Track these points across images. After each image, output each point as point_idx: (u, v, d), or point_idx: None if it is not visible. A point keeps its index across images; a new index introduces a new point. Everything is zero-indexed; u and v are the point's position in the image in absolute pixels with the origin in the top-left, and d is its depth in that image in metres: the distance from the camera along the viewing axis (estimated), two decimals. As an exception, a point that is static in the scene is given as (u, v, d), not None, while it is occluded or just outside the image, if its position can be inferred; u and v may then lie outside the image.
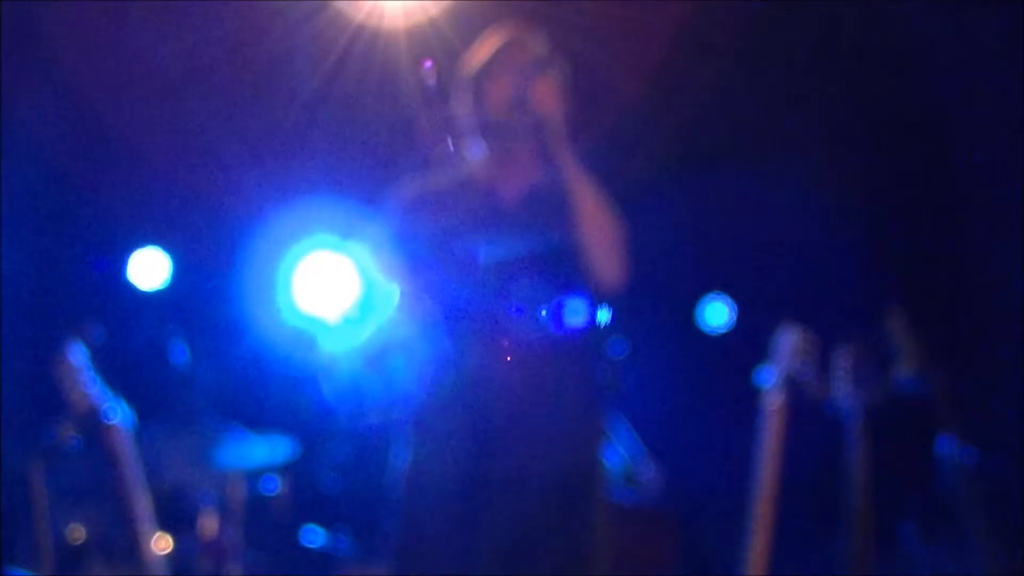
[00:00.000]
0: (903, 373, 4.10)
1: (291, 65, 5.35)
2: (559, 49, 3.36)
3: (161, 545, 5.29)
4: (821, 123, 6.13)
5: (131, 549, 4.11)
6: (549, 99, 3.17)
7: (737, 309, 7.18)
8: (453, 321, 3.25)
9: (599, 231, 3.19)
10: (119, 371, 4.51)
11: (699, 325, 7.22)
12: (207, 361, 6.47)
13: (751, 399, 4.24)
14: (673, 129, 5.80)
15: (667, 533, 5.51)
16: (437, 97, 4.06)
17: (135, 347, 6.32)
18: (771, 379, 4.14)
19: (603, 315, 3.35)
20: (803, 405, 4.13)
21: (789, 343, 4.15)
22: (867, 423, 4.07)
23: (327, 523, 6.14)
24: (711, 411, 6.74)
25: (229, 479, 5.84)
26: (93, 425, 4.03)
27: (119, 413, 4.08)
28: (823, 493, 4.47)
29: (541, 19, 3.46)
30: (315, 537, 6.04)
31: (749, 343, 6.74)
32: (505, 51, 3.32)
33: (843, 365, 4.14)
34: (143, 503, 4.04)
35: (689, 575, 5.85)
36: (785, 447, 4.08)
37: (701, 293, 7.19)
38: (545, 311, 3.23)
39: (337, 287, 6.42)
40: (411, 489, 3.24)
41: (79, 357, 4.03)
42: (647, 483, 5.77)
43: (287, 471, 5.97)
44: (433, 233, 3.31)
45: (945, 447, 5.81)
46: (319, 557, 6.00)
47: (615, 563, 3.32)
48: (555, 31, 3.41)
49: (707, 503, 6.03)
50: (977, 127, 6.02)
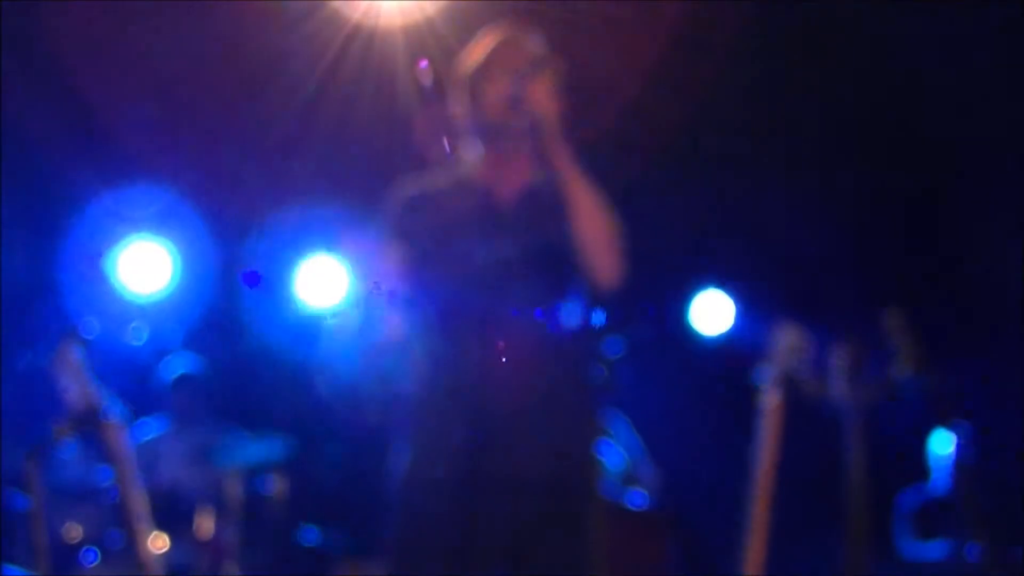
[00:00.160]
0: (900, 372, 4.10)
1: (288, 64, 5.34)
2: (555, 49, 3.35)
3: (158, 544, 5.29)
4: (819, 122, 6.13)
5: (128, 548, 4.10)
6: (545, 99, 3.17)
7: (734, 308, 7.18)
8: (450, 321, 3.25)
9: (595, 231, 3.19)
10: (116, 370, 4.51)
11: (696, 324, 7.22)
12: (205, 360, 6.47)
13: (748, 398, 4.24)
14: (669, 129, 5.80)
15: (664, 532, 5.51)
16: (433, 97, 4.06)
17: (133, 346, 6.32)
18: (768, 378, 4.13)
19: (599, 315, 3.35)
20: (800, 404, 4.13)
21: (786, 342, 4.14)
22: (864, 422, 4.07)
23: (323, 522, 6.14)
24: (708, 410, 6.74)
25: (226, 478, 5.84)
26: (90, 424, 4.02)
27: (116, 412, 4.08)
28: (820, 492, 4.48)
29: (537, 18, 3.46)
30: (311, 536, 6.04)
31: (746, 342, 6.77)
32: (501, 51, 3.32)
33: (840, 364, 4.13)
34: (140, 502, 4.04)
35: (686, 574, 5.85)
36: (782, 446, 4.08)
37: (698, 293, 7.19)
38: (541, 311, 3.23)
39: (332, 285, 6.43)
40: (408, 488, 3.24)
41: (76, 356, 4.02)
42: (646, 482, 5.77)
43: (284, 470, 5.97)
44: (430, 233, 3.30)
45: (942, 446, 5.81)
46: (315, 556, 6.00)
47: (612, 562, 3.31)
48: (551, 30, 3.41)
49: (704, 502, 6.03)
50: (976, 126, 6.03)
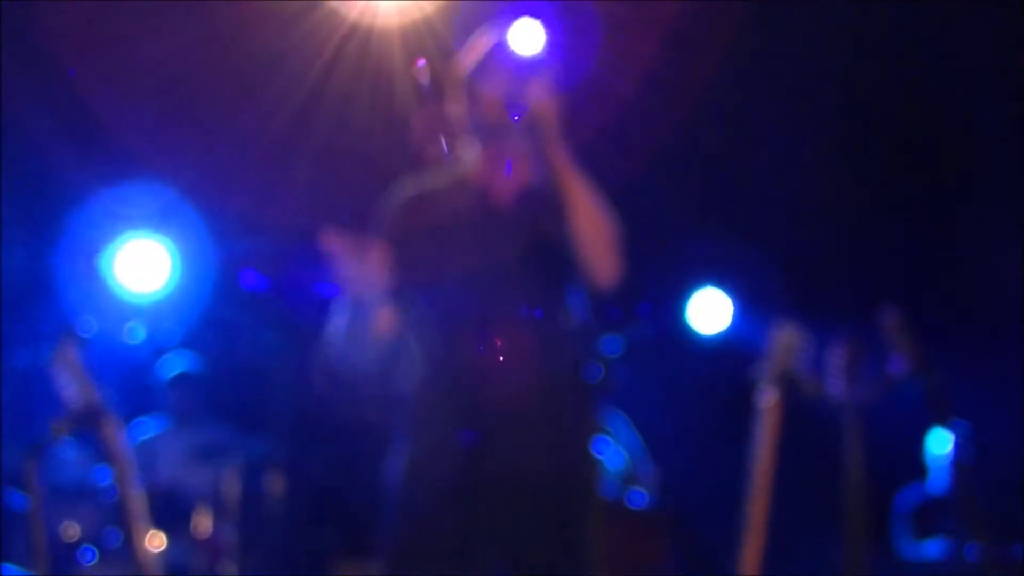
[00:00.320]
0: (898, 371, 4.10)
1: (286, 63, 5.34)
2: (552, 47, 3.35)
3: (155, 543, 5.29)
4: (817, 120, 6.14)
5: (126, 547, 4.11)
6: (543, 98, 3.17)
7: (732, 307, 7.18)
8: (448, 320, 3.25)
9: (593, 230, 3.19)
10: (114, 369, 4.51)
11: (694, 323, 7.22)
12: (203, 359, 6.48)
13: (746, 397, 4.24)
14: (667, 128, 5.80)
15: (663, 531, 5.52)
16: (431, 96, 4.06)
17: (131, 345, 6.33)
18: (766, 377, 4.13)
19: (597, 314, 3.35)
20: (798, 403, 4.13)
21: (784, 341, 4.15)
22: (862, 421, 4.07)
23: (321, 521, 6.14)
24: (706, 409, 6.75)
25: (223, 477, 5.84)
26: (88, 423, 4.02)
27: (114, 410, 4.08)
28: (818, 490, 4.48)
29: (534, 18, 3.45)
30: (309, 535, 6.05)
31: (744, 340, 6.77)
32: (499, 50, 3.32)
33: (838, 363, 4.13)
34: (138, 501, 4.04)
35: (684, 573, 5.86)
36: (780, 445, 4.08)
37: (695, 291, 7.20)
38: (539, 310, 3.23)
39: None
40: (406, 488, 3.24)
41: (74, 355, 4.02)
42: (645, 482, 5.78)
43: (281, 469, 5.97)
44: (427, 233, 3.30)
45: (940, 445, 5.82)
46: (313, 555, 6.00)
47: (611, 562, 3.32)
48: (548, 29, 3.41)
49: (702, 501, 6.03)
50: (975, 125, 6.03)
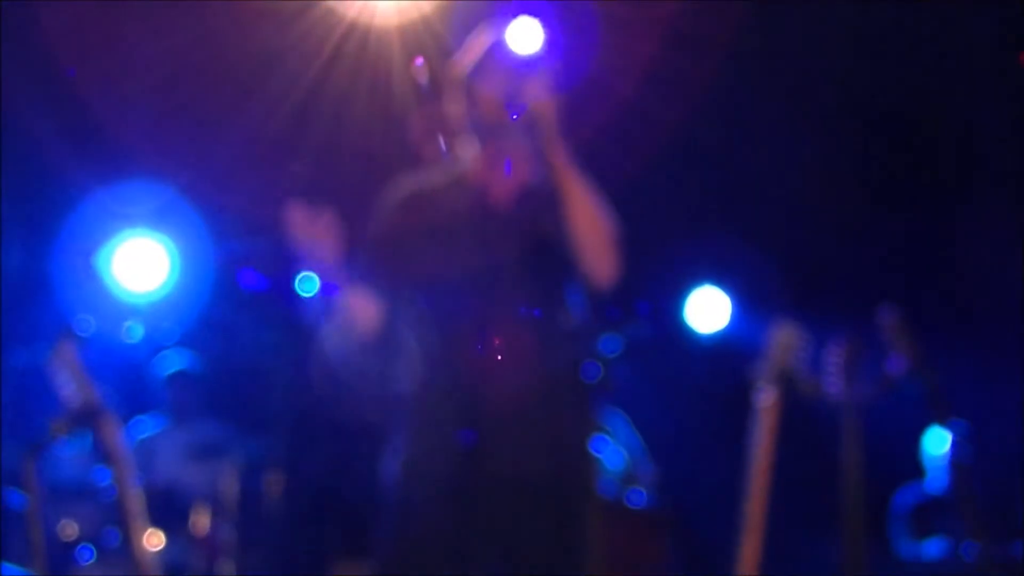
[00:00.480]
0: (895, 369, 4.09)
1: (284, 62, 5.34)
2: (551, 47, 3.35)
3: (153, 542, 5.29)
4: (816, 119, 6.14)
5: (124, 546, 4.10)
6: (541, 97, 3.17)
7: (730, 305, 7.18)
8: (446, 320, 3.25)
9: (592, 229, 3.19)
10: (113, 367, 4.51)
11: (692, 322, 7.22)
12: (196, 357, 6.47)
13: (744, 395, 4.24)
14: (665, 126, 5.80)
15: (661, 530, 5.52)
16: (429, 95, 4.06)
17: (129, 344, 6.33)
18: (764, 375, 4.13)
19: (596, 312, 3.35)
20: (796, 402, 4.13)
21: (782, 339, 4.14)
22: (860, 420, 4.06)
23: (319, 520, 6.14)
24: (705, 408, 6.75)
25: (221, 476, 5.84)
26: (86, 422, 4.02)
27: (112, 409, 4.08)
28: (816, 490, 4.48)
29: (533, 17, 3.45)
30: (307, 534, 6.05)
31: (742, 339, 6.78)
32: (497, 49, 3.32)
33: (836, 362, 4.13)
34: (136, 500, 4.04)
35: (682, 572, 5.86)
36: (778, 444, 4.08)
37: (694, 290, 7.20)
38: (538, 309, 3.23)
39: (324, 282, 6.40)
40: (403, 487, 3.24)
41: (72, 353, 4.02)
42: (644, 481, 5.78)
43: (280, 468, 5.96)
44: (425, 232, 3.30)
45: (938, 444, 5.82)
46: (311, 553, 6.00)
47: (609, 561, 3.32)
48: (547, 29, 3.41)
49: (701, 500, 6.04)
50: (974, 123, 6.03)
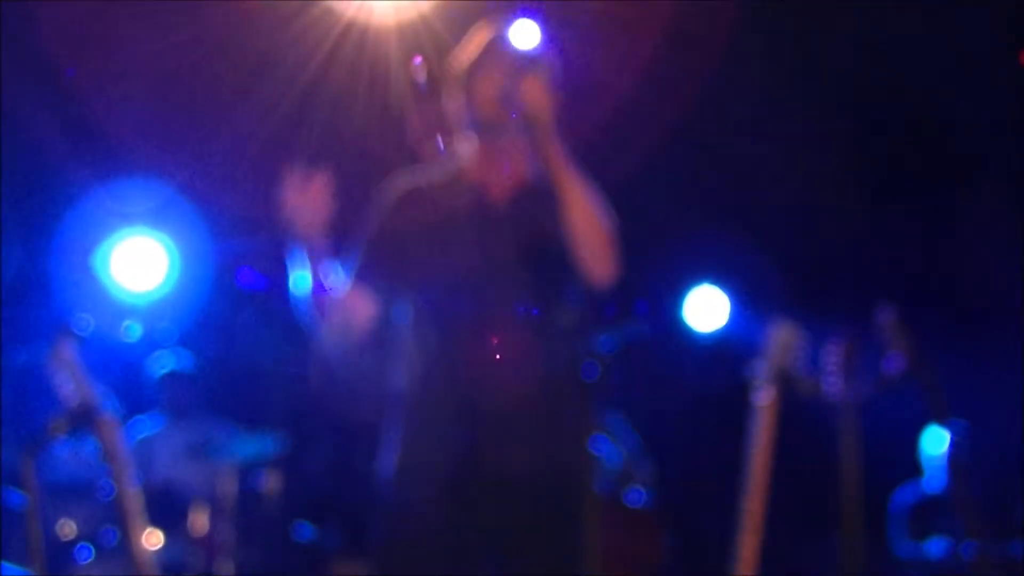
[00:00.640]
0: (893, 368, 4.09)
1: (281, 61, 5.34)
2: (548, 45, 3.35)
3: (152, 541, 5.29)
4: (815, 118, 6.14)
5: (122, 545, 4.10)
6: (539, 95, 3.16)
7: (729, 304, 7.18)
8: (443, 318, 3.24)
9: (589, 228, 3.18)
10: (111, 367, 4.51)
11: (690, 321, 7.22)
12: (191, 356, 6.47)
13: (742, 394, 4.24)
14: (663, 125, 5.80)
15: (659, 529, 5.52)
16: (427, 93, 4.06)
17: (127, 343, 6.33)
18: (762, 374, 4.13)
19: (594, 311, 3.35)
20: (794, 401, 4.13)
21: (780, 338, 4.14)
22: (858, 419, 4.06)
23: (317, 518, 6.14)
24: (703, 407, 6.75)
25: (220, 475, 5.84)
26: (85, 421, 4.02)
27: (110, 409, 4.08)
28: (814, 489, 4.48)
29: (530, 15, 3.46)
30: (305, 532, 6.05)
31: (740, 338, 6.78)
32: (495, 47, 3.32)
33: (834, 361, 4.13)
34: (134, 499, 4.04)
35: (680, 571, 5.86)
36: (776, 443, 4.08)
37: (692, 289, 7.20)
38: (535, 308, 3.23)
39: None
40: (399, 485, 3.23)
41: (71, 353, 4.02)
42: (642, 480, 5.78)
43: (277, 467, 5.97)
44: (423, 229, 3.30)
45: (936, 443, 5.82)
46: (309, 552, 6.00)
47: (607, 559, 3.31)
48: (544, 27, 3.41)
49: (699, 499, 6.04)
50: (973, 122, 6.03)
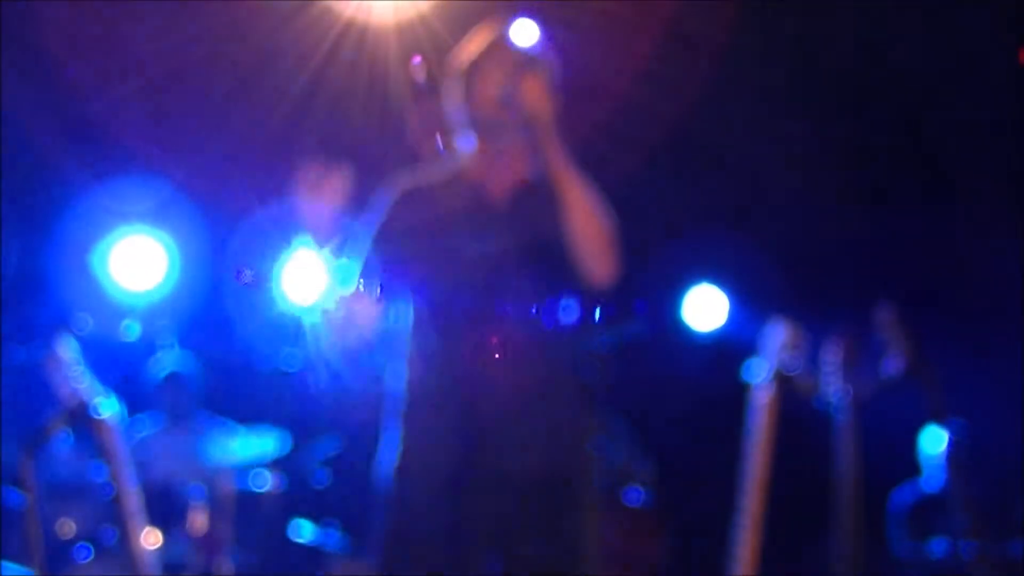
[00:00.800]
0: (892, 367, 4.10)
1: (281, 61, 5.34)
2: (548, 44, 3.36)
3: (151, 540, 5.29)
4: (814, 116, 6.14)
5: (121, 544, 4.10)
6: (538, 95, 3.17)
7: (728, 304, 7.18)
8: (442, 317, 3.25)
9: (589, 227, 3.19)
10: (110, 366, 4.51)
11: (689, 320, 7.22)
12: (192, 357, 6.47)
13: (741, 394, 4.24)
14: (663, 125, 5.81)
15: (657, 528, 5.52)
16: (426, 93, 4.06)
17: (126, 342, 6.32)
18: (761, 373, 4.14)
19: (593, 311, 3.35)
20: (793, 399, 4.14)
21: (779, 338, 4.15)
22: (857, 418, 4.07)
23: (317, 518, 6.14)
24: (702, 406, 6.74)
25: (219, 474, 5.84)
26: (84, 420, 4.02)
27: (109, 408, 4.08)
28: (813, 487, 4.48)
29: (530, 15, 3.46)
30: (305, 532, 6.04)
31: (739, 338, 6.77)
32: (495, 47, 3.32)
33: (832, 359, 4.14)
34: (134, 498, 4.04)
35: (679, 570, 5.86)
36: (775, 442, 4.08)
37: (691, 288, 7.20)
38: (534, 307, 3.23)
39: (320, 282, 6.40)
40: (399, 484, 3.24)
41: (69, 352, 4.02)
42: (640, 479, 5.78)
43: (277, 466, 5.97)
44: (422, 229, 3.30)
45: (934, 442, 5.82)
46: (309, 552, 6.00)
47: (606, 558, 3.32)
48: (544, 26, 3.41)
49: (697, 498, 6.04)
50: (973, 120, 6.03)
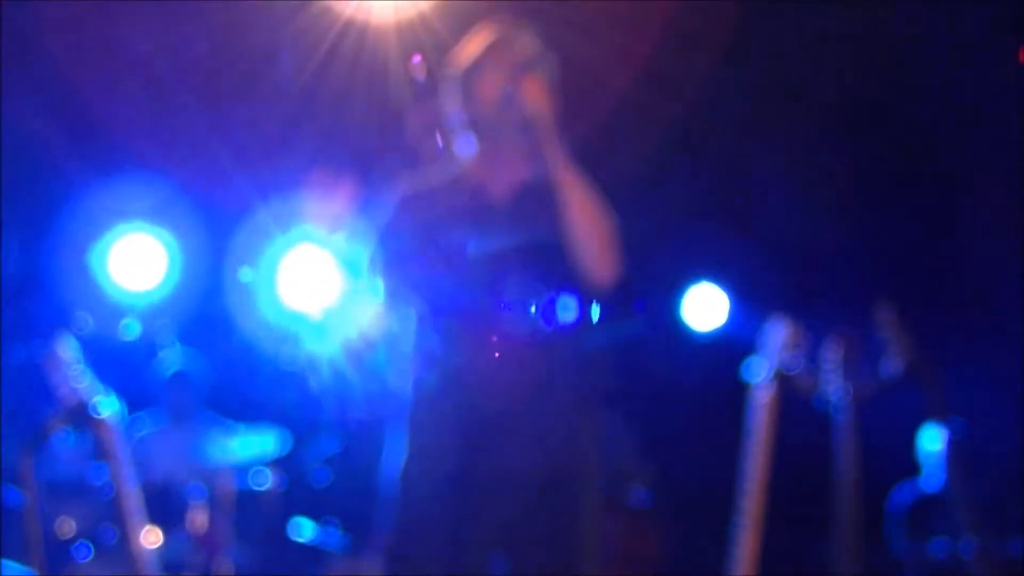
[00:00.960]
0: (892, 366, 4.10)
1: (280, 60, 5.34)
2: (548, 45, 3.36)
3: (151, 539, 5.29)
4: (812, 117, 6.14)
5: (121, 543, 4.11)
6: (538, 95, 3.17)
7: (727, 303, 7.18)
8: (444, 317, 3.25)
9: (589, 227, 3.19)
10: (110, 365, 4.51)
11: (689, 319, 7.22)
12: (197, 356, 6.47)
13: (741, 393, 4.24)
14: (663, 124, 5.81)
15: (658, 528, 5.52)
16: (426, 93, 4.06)
17: (126, 341, 6.33)
18: (760, 373, 4.14)
19: (593, 310, 3.35)
20: (792, 398, 4.14)
21: (778, 336, 4.15)
22: (856, 417, 4.07)
23: (317, 517, 6.14)
24: (701, 405, 6.75)
25: (219, 473, 5.84)
26: (83, 419, 4.02)
27: (109, 407, 4.08)
28: (812, 486, 4.49)
29: (530, 15, 3.46)
30: (305, 531, 6.05)
31: (739, 337, 6.78)
32: (495, 47, 3.32)
33: (832, 358, 4.14)
34: (133, 497, 4.04)
35: (679, 570, 5.86)
36: (774, 441, 4.08)
37: (690, 287, 7.20)
38: (535, 307, 3.23)
39: (321, 282, 6.42)
40: (404, 484, 3.24)
41: (69, 351, 4.02)
42: (640, 479, 5.78)
43: (277, 465, 5.97)
44: (423, 229, 3.30)
45: (934, 441, 5.82)
46: (309, 551, 6.00)
47: (606, 557, 3.32)
48: (544, 27, 3.41)
49: (697, 497, 6.04)
50: (973, 119, 6.04)
